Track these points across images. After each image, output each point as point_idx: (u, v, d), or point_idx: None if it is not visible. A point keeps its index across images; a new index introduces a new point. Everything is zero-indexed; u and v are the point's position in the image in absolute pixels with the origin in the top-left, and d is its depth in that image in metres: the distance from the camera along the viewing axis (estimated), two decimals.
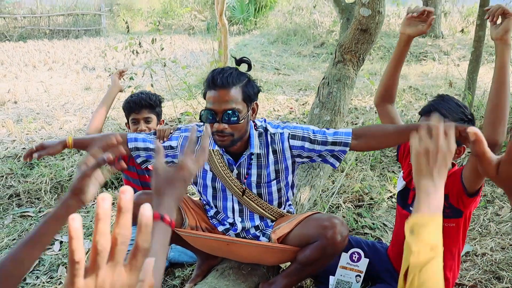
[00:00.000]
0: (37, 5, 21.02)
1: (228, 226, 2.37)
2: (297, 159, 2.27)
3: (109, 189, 3.97)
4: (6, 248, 3.10)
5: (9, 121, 6.25)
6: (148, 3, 23.19)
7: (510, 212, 3.00)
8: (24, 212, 3.59)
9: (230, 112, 2.05)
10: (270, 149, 2.24)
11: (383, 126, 2.26)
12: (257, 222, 2.34)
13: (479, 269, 2.54)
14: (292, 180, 2.36)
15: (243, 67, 2.32)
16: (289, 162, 2.27)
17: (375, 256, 2.44)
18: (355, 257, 2.30)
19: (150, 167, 2.65)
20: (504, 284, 2.39)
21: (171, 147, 2.31)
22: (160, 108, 3.00)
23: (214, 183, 2.31)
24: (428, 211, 1.11)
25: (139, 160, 2.36)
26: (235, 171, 2.27)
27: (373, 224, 3.08)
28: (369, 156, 4.11)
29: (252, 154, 2.24)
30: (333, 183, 3.60)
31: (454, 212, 2.10)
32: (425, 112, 2.16)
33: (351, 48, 3.05)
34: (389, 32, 13.01)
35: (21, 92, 8.52)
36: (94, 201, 3.48)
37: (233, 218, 2.35)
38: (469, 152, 1.92)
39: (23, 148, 5.01)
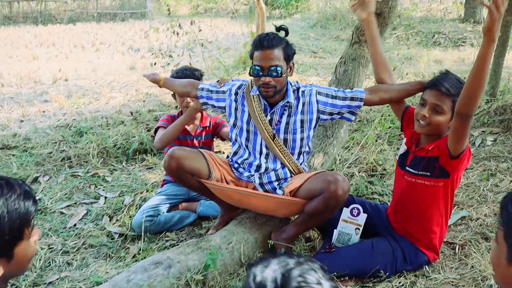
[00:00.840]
0: None
1: (252, 172, 2.76)
2: (321, 115, 2.68)
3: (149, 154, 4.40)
4: (59, 200, 3.59)
5: (61, 96, 6.81)
6: None
7: (510, 183, 3.25)
8: (74, 172, 4.08)
9: (274, 68, 2.48)
10: (300, 101, 2.67)
11: (391, 85, 2.65)
12: (279, 166, 2.72)
13: (471, 231, 2.83)
14: (311, 138, 2.74)
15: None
16: (314, 116, 2.67)
17: (376, 215, 2.76)
18: (355, 212, 2.63)
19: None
20: (488, 243, 2.67)
21: (223, 92, 2.81)
22: (201, 81, 3.38)
23: (248, 126, 2.72)
24: None
25: (201, 101, 2.89)
26: (268, 117, 2.67)
27: (382, 191, 3.38)
28: (388, 133, 4.40)
29: (287, 103, 2.65)
30: (351, 155, 3.92)
31: (443, 172, 2.40)
32: (430, 85, 2.45)
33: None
34: (429, 18, 12.99)
35: (71, 71, 9.11)
36: None
37: (260, 160, 2.74)
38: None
39: (73, 119, 5.54)
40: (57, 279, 2.62)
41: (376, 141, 4.24)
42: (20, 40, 14.27)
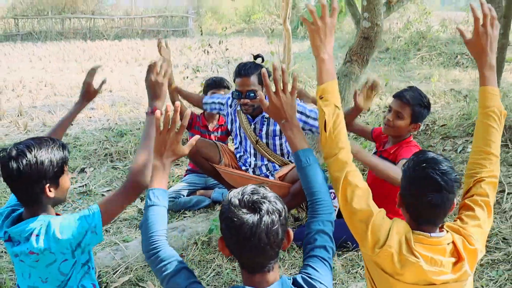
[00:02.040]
0: (132, 7, 23.15)
1: (247, 167, 3.47)
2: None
3: None
4: (101, 186, 4.38)
5: (106, 105, 7.73)
6: (232, 6, 24.45)
7: None
8: (114, 165, 4.89)
9: (249, 92, 3.17)
10: None
11: None
12: (266, 162, 3.43)
13: None
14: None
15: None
16: None
17: None
18: (331, 195, 3.29)
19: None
20: None
21: (221, 104, 3.58)
22: (229, 89, 4.14)
23: (240, 132, 3.46)
24: (331, 79, 1.82)
25: (207, 109, 3.72)
26: (252, 126, 3.39)
27: None
28: None
29: (263, 117, 3.34)
30: None
31: None
32: (396, 95, 3.09)
33: (357, 51, 4.03)
34: (456, 39, 13.43)
35: (115, 83, 10.06)
36: None
37: (250, 158, 3.47)
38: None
39: (116, 124, 6.39)
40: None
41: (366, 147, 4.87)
42: (70, 54, 15.48)
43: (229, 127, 3.62)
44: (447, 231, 1.74)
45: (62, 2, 21.60)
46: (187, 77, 7.33)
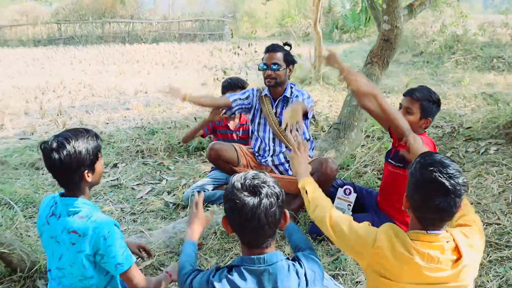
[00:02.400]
0: (170, 11, 23.66)
1: (266, 157, 3.64)
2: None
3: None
4: (132, 180, 4.61)
5: (140, 105, 8.02)
6: (268, 10, 24.60)
7: (491, 182, 3.86)
8: (145, 161, 5.13)
9: (274, 64, 3.43)
10: (293, 97, 3.55)
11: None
12: (283, 149, 3.61)
13: None
14: (307, 129, 3.60)
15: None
16: None
17: (367, 197, 3.50)
18: (347, 191, 3.41)
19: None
20: None
21: (247, 97, 3.72)
22: (244, 88, 4.32)
23: (260, 119, 3.66)
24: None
25: (235, 109, 3.74)
26: (274, 110, 3.59)
27: None
28: None
29: (285, 97, 3.55)
30: (370, 157, 4.65)
31: (406, 164, 3.11)
32: (405, 93, 3.19)
33: (378, 53, 4.13)
34: (493, 42, 13.24)
35: (151, 85, 10.37)
36: None
37: (269, 144, 3.64)
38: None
39: (148, 123, 6.65)
40: (125, 229, 3.59)
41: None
42: (109, 57, 15.98)
43: (250, 117, 3.80)
44: (447, 231, 1.81)
45: (103, 7, 22.28)
46: (217, 79, 7.52)
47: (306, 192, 2.29)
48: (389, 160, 3.30)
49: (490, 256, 2.88)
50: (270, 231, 1.70)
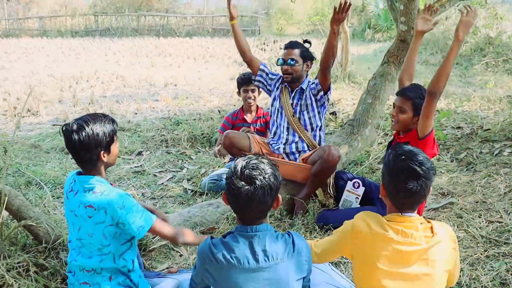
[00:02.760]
0: (204, 6, 23.97)
1: (279, 145, 3.83)
2: (313, 97, 3.71)
3: None
4: (154, 167, 4.85)
5: (169, 97, 8.29)
6: (302, 8, 24.59)
7: (500, 182, 3.93)
8: (168, 150, 5.37)
9: (291, 59, 3.60)
10: (306, 84, 3.73)
11: None
12: (297, 139, 3.78)
13: (450, 212, 3.60)
14: (320, 117, 3.76)
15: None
16: (312, 99, 3.73)
17: (376, 191, 3.63)
18: (356, 185, 3.55)
19: None
20: (460, 219, 3.45)
21: (272, 79, 3.91)
22: None
23: (279, 105, 3.83)
24: None
25: (257, 78, 3.93)
26: (291, 100, 3.77)
27: None
28: None
29: (301, 88, 3.73)
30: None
31: None
32: (397, 93, 3.29)
33: (394, 53, 4.24)
34: None
35: (181, 78, 10.66)
36: None
37: (283, 132, 3.81)
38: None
39: (175, 114, 6.90)
40: None
41: None
42: (143, 49, 16.37)
43: (271, 101, 3.98)
44: (424, 217, 1.99)
45: (139, 0, 22.74)
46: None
47: None
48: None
49: (488, 252, 2.98)
50: (262, 214, 1.92)
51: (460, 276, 2.75)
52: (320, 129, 3.82)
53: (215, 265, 1.91)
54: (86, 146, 2.22)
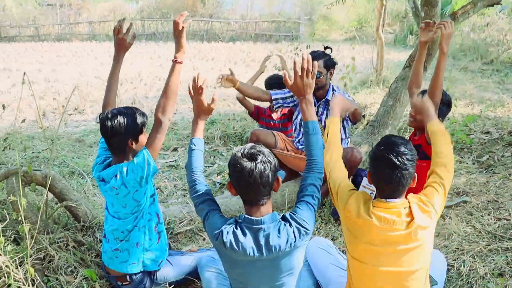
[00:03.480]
0: (248, 11, 24.39)
1: (303, 145, 4.04)
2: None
3: None
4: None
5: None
6: (346, 13, 24.58)
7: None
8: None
9: (317, 73, 3.76)
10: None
11: None
12: None
13: (462, 210, 3.76)
14: (344, 130, 3.94)
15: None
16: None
17: None
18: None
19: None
20: (470, 216, 3.61)
21: (291, 96, 4.04)
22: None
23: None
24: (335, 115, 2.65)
25: (276, 106, 4.12)
26: (316, 109, 3.89)
27: None
28: None
29: (327, 100, 3.92)
30: None
31: (425, 156, 3.41)
32: (419, 94, 3.49)
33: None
34: None
35: None
36: None
37: None
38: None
39: (219, 115, 7.25)
40: (174, 201, 4.15)
41: None
42: (186, 54, 16.85)
43: (295, 113, 4.17)
44: (406, 198, 2.20)
45: (184, 6, 23.36)
46: None
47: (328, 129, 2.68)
48: None
49: (491, 246, 3.14)
50: (265, 191, 2.15)
51: (460, 267, 2.95)
52: (343, 140, 4.02)
53: (223, 247, 2.15)
54: (116, 132, 2.55)
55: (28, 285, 2.70)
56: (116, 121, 2.55)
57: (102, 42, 21.30)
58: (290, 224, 2.18)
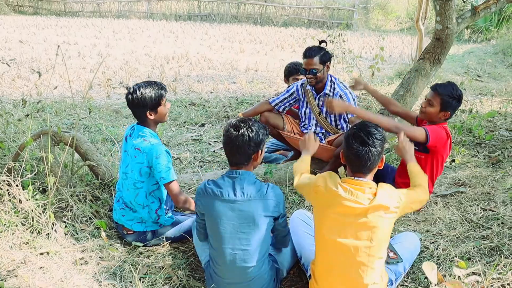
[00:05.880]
0: None
1: (307, 130, 4.33)
2: None
3: None
4: (211, 138, 5.56)
5: (244, 80, 8.99)
6: (403, 4, 24.20)
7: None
8: None
9: (312, 70, 4.03)
10: (338, 94, 4.12)
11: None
12: (323, 131, 4.28)
13: (456, 199, 3.93)
14: (345, 119, 4.19)
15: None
16: None
17: (391, 173, 4.05)
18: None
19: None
20: (461, 205, 3.79)
21: (291, 94, 4.39)
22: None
23: (306, 108, 4.33)
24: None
25: (281, 110, 4.46)
26: (317, 101, 4.22)
27: None
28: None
29: (325, 93, 4.16)
30: None
31: (424, 149, 3.61)
32: (431, 87, 3.70)
33: (430, 50, 4.57)
34: None
35: (263, 64, 11.31)
36: None
37: (311, 127, 4.31)
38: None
39: (242, 95, 7.60)
40: (190, 169, 4.54)
41: None
42: (237, 36, 17.24)
43: (300, 108, 4.46)
44: (376, 185, 2.47)
45: None
46: None
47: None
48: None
49: (468, 233, 3.35)
50: (242, 158, 2.56)
51: (434, 249, 3.18)
52: (345, 128, 4.27)
53: (205, 197, 2.59)
54: (136, 104, 2.99)
55: (48, 228, 3.17)
56: (135, 95, 2.97)
57: (159, 20, 21.99)
58: (267, 185, 2.59)
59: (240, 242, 2.55)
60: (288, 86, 4.51)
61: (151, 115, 3.05)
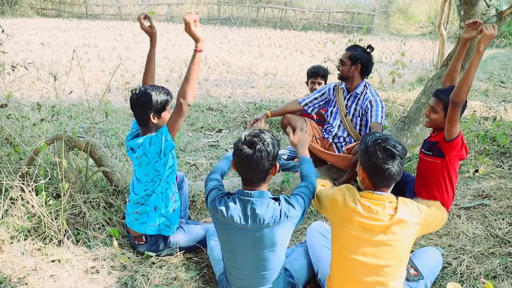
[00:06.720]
0: (322, 1, 24.28)
1: (329, 135, 4.26)
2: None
3: None
4: (228, 144, 5.49)
5: (262, 85, 8.91)
6: (424, 8, 23.90)
7: None
8: (245, 130, 6.00)
9: (341, 61, 4.04)
10: (367, 101, 4.04)
11: None
12: (345, 135, 4.18)
13: (479, 212, 3.79)
14: (369, 125, 4.08)
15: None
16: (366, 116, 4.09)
17: (411, 182, 3.93)
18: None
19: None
20: (483, 219, 3.65)
21: (323, 93, 4.32)
22: (327, 77, 4.95)
23: (333, 108, 4.25)
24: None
25: (309, 111, 4.39)
26: (345, 102, 4.14)
27: None
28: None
29: (356, 93, 4.08)
30: None
31: (440, 153, 3.49)
32: (432, 94, 3.57)
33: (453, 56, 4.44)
34: None
35: (282, 69, 11.22)
36: None
37: (334, 128, 4.22)
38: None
39: (261, 100, 7.51)
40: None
41: None
42: (256, 40, 17.19)
43: (327, 107, 4.38)
44: (397, 198, 2.36)
45: None
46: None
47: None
48: (422, 149, 3.71)
49: (494, 249, 3.21)
50: (260, 175, 2.41)
51: (458, 266, 3.05)
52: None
53: (216, 214, 2.47)
54: (139, 105, 2.89)
55: (60, 235, 3.11)
56: (140, 97, 2.88)
57: (179, 24, 22.04)
58: (279, 204, 2.41)
59: (257, 268, 2.49)
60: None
61: (154, 118, 2.95)
